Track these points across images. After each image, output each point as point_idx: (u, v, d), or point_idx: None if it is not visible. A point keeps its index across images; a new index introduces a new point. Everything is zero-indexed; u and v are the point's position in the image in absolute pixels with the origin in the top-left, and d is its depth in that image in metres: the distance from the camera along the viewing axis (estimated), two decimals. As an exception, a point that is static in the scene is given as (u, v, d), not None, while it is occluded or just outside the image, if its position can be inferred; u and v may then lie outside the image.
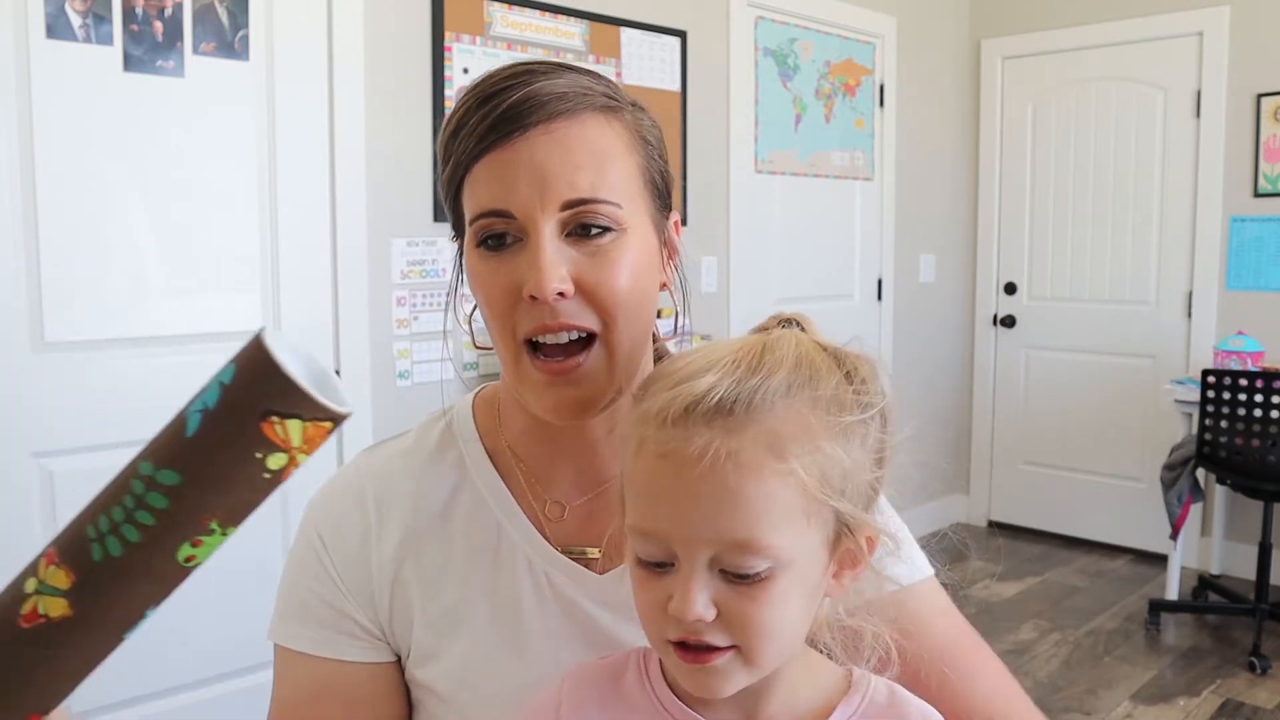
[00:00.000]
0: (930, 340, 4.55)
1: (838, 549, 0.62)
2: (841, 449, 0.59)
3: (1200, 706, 2.97)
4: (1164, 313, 4.18)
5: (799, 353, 0.61)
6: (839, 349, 0.64)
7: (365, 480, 0.81)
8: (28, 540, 2.08)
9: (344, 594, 0.78)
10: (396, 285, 2.69)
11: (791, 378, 0.59)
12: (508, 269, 0.70)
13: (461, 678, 0.76)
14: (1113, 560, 4.25)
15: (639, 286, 0.73)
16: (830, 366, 0.62)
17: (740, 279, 3.63)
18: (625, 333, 0.72)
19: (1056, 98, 4.42)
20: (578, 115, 0.71)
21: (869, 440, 0.62)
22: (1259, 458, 3.24)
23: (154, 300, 2.26)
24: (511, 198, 0.69)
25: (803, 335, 0.64)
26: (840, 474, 0.59)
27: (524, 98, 0.69)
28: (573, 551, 0.78)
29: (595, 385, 0.72)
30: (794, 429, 0.58)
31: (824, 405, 0.59)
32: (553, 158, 0.69)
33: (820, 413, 0.59)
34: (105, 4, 2.14)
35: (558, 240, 0.70)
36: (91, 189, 2.16)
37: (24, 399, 2.09)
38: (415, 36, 2.69)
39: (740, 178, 3.60)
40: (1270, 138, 3.88)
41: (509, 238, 0.71)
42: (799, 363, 0.60)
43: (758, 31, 3.66)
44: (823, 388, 0.60)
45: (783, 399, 0.58)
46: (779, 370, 0.59)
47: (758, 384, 0.58)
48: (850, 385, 0.62)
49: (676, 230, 0.81)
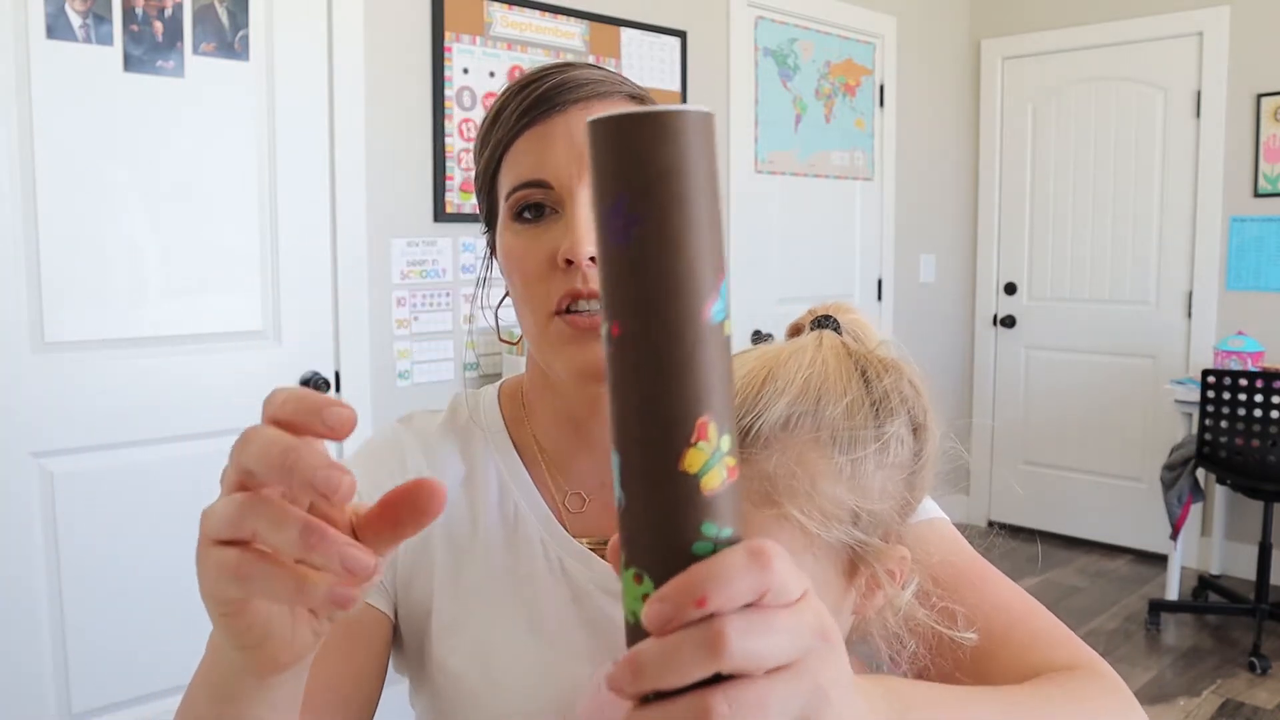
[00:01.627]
0: (930, 340, 4.55)
1: (857, 576, 0.59)
2: (846, 483, 0.56)
3: (1200, 706, 2.97)
4: (1164, 313, 4.18)
5: (810, 372, 0.57)
6: (867, 354, 0.60)
7: (403, 436, 0.83)
8: (28, 540, 2.08)
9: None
10: (396, 285, 2.69)
11: (793, 407, 0.55)
12: (544, 239, 0.73)
13: (475, 654, 0.76)
14: (1113, 560, 4.25)
15: None
16: (847, 381, 0.58)
17: (740, 279, 3.62)
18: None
19: (1056, 98, 4.42)
20: (612, 99, 0.75)
21: (889, 458, 0.58)
22: (1259, 458, 3.24)
23: (154, 300, 2.26)
24: (549, 168, 0.72)
25: (829, 342, 0.60)
26: (847, 508, 0.56)
27: (562, 80, 0.74)
28: (591, 542, 0.78)
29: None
30: (788, 470, 0.54)
31: (829, 434, 0.55)
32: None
33: (824, 446, 0.55)
34: (105, 4, 2.14)
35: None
36: (91, 189, 2.16)
37: (24, 399, 2.09)
38: (415, 36, 2.69)
39: (740, 178, 3.60)
40: (1270, 138, 3.88)
41: (546, 209, 0.73)
42: (806, 386, 0.56)
43: (758, 31, 3.66)
44: (830, 412, 0.56)
45: (780, 435, 0.55)
46: (779, 400, 0.56)
47: (750, 422, 0.55)
48: (869, 399, 0.57)
49: None
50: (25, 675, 2.10)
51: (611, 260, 0.37)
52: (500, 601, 0.77)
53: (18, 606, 2.08)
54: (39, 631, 2.12)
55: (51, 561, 2.12)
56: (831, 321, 0.63)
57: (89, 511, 2.17)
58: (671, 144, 0.36)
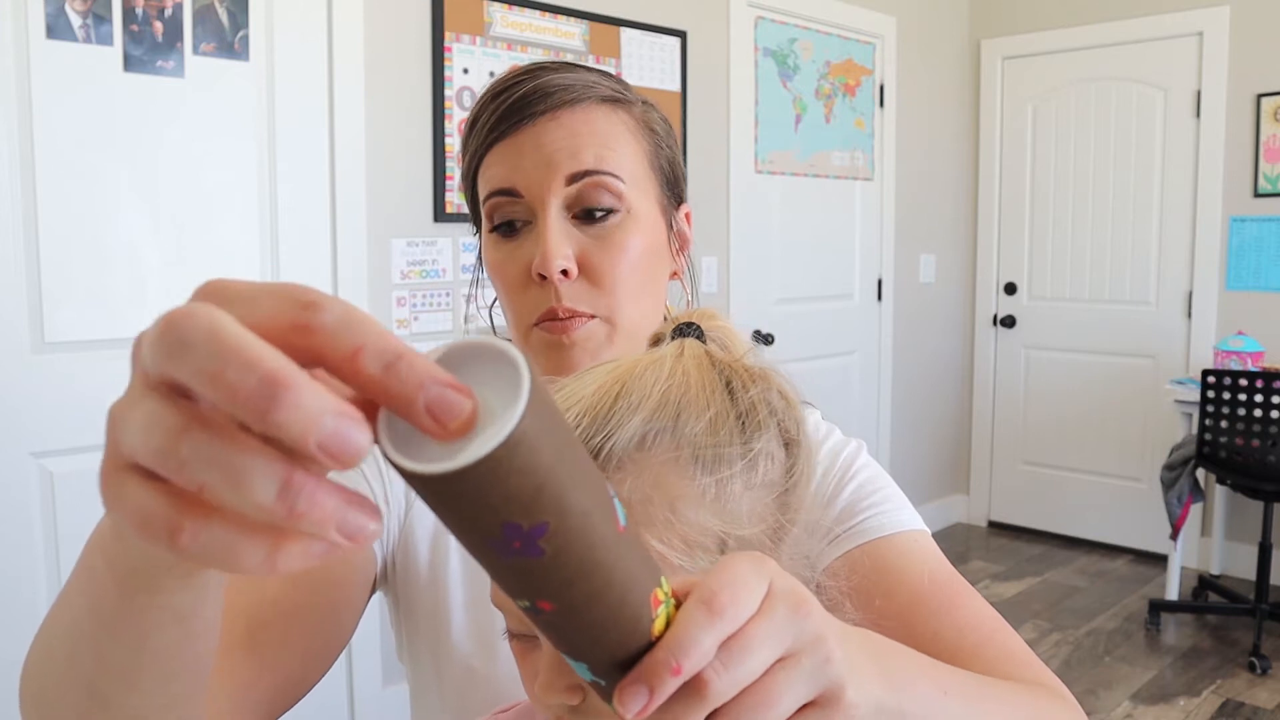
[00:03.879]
0: (930, 340, 4.55)
1: None
2: (709, 506, 0.50)
3: (1200, 706, 2.97)
4: (1164, 313, 4.18)
5: (669, 384, 0.51)
6: (732, 363, 0.55)
7: None
8: (28, 540, 2.08)
9: (382, 475, 0.78)
10: (396, 285, 2.69)
11: (649, 424, 0.50)
12: (519, 253, 0.74)
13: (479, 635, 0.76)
14: (1113, 560, 4.25)
15: (643, 269, 0.75)
16: (710, 392, 0.52)
17: (740, 279, 3.62)
18: (626, 313, 0.74)
19: (1056, 98, 4.42)
20: (582, 104, 0.75)
21: (758, 477, 0.52)
22: (1259, 458, 3.24)
23: (154, 300, 2.26)
24: (518, 177, 0.73)
25: (690, 351, 0.54)
26: (713, 534, 0.50)
27: (531, 89, 0.74)
28: None
29: (592, 355, 0.74)
30: (644, 494, 0.49)
31: (690, 451, 0.50)
32: (557, 139, 0.73)
33: (684, 464, 0.50)
34: (105, 4, 2.14)
35: (564, 220, 0.73)
36: (91, 189, 2.16)
37: (24, 399, 2.09)
38: (415, 36, 2.69)
39: (740, 178, 3.60)
40: (1270, 138, 3.88)
41: (519, 223, 0.74)
42: (664, 400, 0.51)
43: (758, 31, 3.66)
44: (691, 428, 0.50)
45: (635, 456, 0.49)
46: (633, 417, 0.50)
47: (601, 442, 0.49)
48: (734, 409, 0.52)
49: (688, 222, 0.84)
50: (25, 675, 2.10)
51: (520, 569, 0.34)
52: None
53: (18, 607, 2.08)
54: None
55: (51, 561, 2.12)
56: (694, 329, 0.58)
57: (89, 511, 2.17)
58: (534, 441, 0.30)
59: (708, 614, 0.37)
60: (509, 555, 0.33)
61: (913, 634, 0.65)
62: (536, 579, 0.34)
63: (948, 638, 0.67)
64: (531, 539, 0.32)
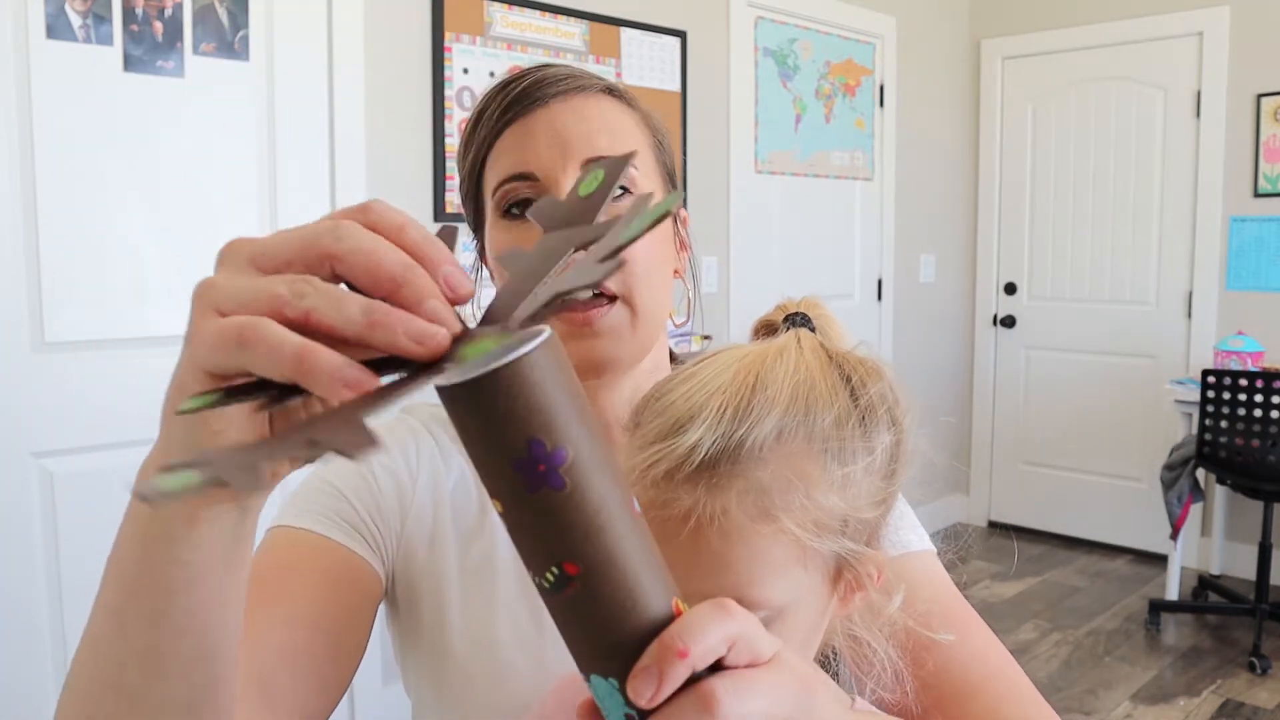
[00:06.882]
0: (930, 340, 4.55)
1: (840, 581, 0.59)
2: (838, 493, 0.55)
3: (1200, 706, 2.97)
4: (1164, 313, 4.18)
5: (797, 380, 0.56)
6: (846, 357, 0.59)
7: (411, 422, 0.84)
8: (28, 540, 2.08)
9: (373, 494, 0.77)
10: (396, 285, 2.69)
11: (784, 419, 0.54)
12: (533, 233, 0.73)
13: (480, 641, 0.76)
14: (1113, 560, 4.25)
15: (658, 255, 0.76)
16: (833, 388, 0.57)
17: (740, 279, 3.63)
18: (646, 295, 0.74)
19: (1056, 98, 4.42)
20: (591, 93, 0.76)
21: (875, 464, 0.58)
22: (1259, 458, 3.24)
23: (154, 300, 2.26)
24: (534, 159, 0.74)
25: (807, 343, 0.59)
26: (839, 517, 0.56)
27: (540, 77, 0.76)
28: None
29: (616, 341, 0.73)
30: (784, 481, 0.53)
31: (820, 445, 0.55)
32: (570, 123, 0.74)
33: (816, 455, 0.55)
34: (105, 4, 2.14)
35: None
36: (91, 189, 2.16)
37: (24, 399, 2.09)
38: (415, 37, 2.69)
39: (740, 178, 3.60)
40: (1270, 138, 3.88)
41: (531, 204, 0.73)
42: (795, 395, 0.55)
43: (758, 31, 3.66)
44: (821, 420, 0.55)
45: (774, 446, 0.54)
46: (771, 411, 0.54)
47: (744, 433, 0.53)
48: (856, 407, 0.57)
49: (685, 225, 0.85)
50: (25, 675, 2.10)
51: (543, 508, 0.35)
52: (506, 590, 0.77)
53: (18, 607, 2.08)
54: (39, 632, 2.12)
55: (51, 561, 2.12)
56: (804, 319, 0.62)
57: (89, 511, 2.17)
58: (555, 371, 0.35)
59: (718, 610, 0.39)
60: (535, 484, 0.35)
61: (918, 666, 0.66)
62: (560, 523, 0.35)
63: (954, 670, 0.68)
64: (554, 465, 0.35)
